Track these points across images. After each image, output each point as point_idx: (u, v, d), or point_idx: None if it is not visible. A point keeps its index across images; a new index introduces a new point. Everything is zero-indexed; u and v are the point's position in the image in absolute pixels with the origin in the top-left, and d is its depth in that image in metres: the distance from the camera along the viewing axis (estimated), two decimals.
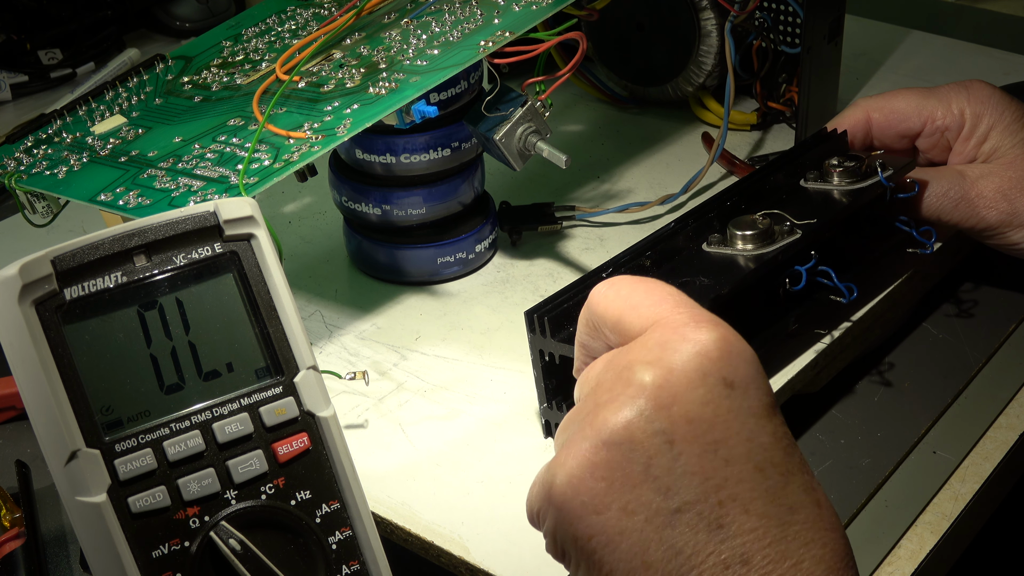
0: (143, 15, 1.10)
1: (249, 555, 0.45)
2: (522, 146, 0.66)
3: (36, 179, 0.69)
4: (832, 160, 0.69)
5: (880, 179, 0.67)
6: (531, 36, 0.66)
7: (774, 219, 0.64)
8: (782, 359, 0.64)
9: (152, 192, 0.64)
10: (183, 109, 0.72)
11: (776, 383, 0.63)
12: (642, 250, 0.63)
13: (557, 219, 0.78)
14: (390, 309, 0.73)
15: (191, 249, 0.47)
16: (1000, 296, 0.77)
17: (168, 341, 0.47)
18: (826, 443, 0.67)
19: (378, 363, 0.68)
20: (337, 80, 0.67)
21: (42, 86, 1.01)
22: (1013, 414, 0.69)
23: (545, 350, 0.59)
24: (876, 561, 0.61)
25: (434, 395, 0.66)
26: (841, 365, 0.69)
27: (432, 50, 0.67)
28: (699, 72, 0.86)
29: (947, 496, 0.65)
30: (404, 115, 0.63)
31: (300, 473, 0.47)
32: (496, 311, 0.72)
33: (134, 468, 0.45)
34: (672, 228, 0.65)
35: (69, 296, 0.45)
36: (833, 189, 0.68)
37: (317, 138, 0.63)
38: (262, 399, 0.47)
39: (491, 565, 0.56)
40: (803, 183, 0.69)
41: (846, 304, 0.64)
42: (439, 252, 0.73)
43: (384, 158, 0.70)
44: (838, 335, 0.66)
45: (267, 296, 0.48)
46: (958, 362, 0.72)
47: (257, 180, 0.61)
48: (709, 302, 0.58)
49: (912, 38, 1.02)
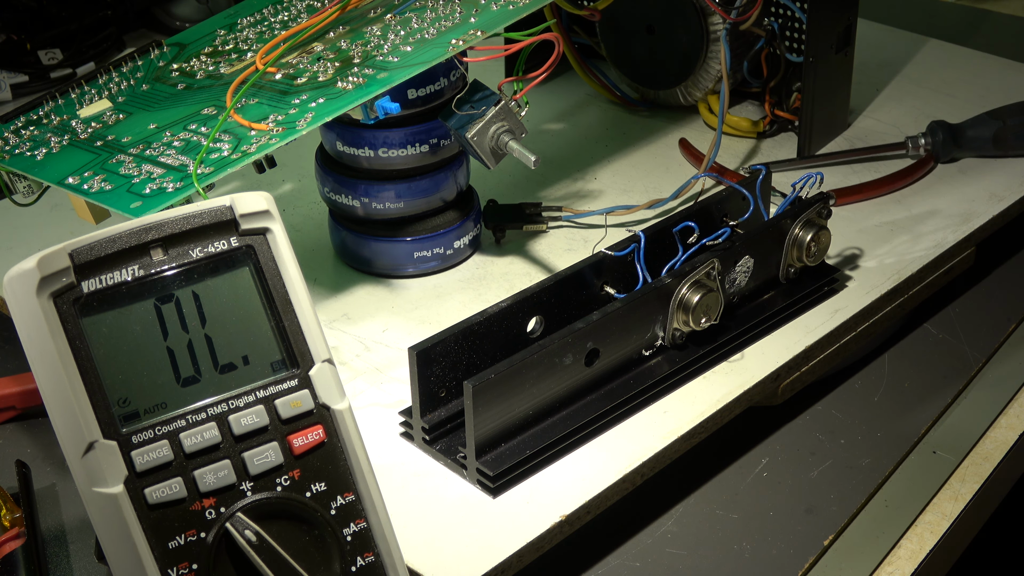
0: (143, 15, 1.10)
1: (265, 546, 0.46)
2: (495, 144, 0.67)
3: (16, 160, 0.70)
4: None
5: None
6: (506, 36, 0.67)
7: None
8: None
9: (116, 178, 0.64)
10: (165, 96, 0.72)
11: (730, 395, 0.65)
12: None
13: (543, 219, 0.78)
14: (364, 300, 0.73)
15: (207, 243, 0.48)
16: (1000, 296, 0.77)
17: (184, 334, 0.47)
18: (826, 443, 0.67)
19: (341, 353, 0.69)
20: (311, 73, 0.68)
21: (42, 86, 1.01)
22: (1013, 414, 0.70)
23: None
24: (876, 561, 0.61)
25: (388, 387, 0.66)
26: (809, 379, 0.69)
27: (406, 46, 0.67)
28: (707, 77, 0.87)
29: (947, 496, 0.65)
30: (368, 110, 0.64)
31: (315, 465, 0.47)
32: (468, 307, 0.72)
33: (151, 459, 0.45)
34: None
35: (87, 289, 0.46)
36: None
37: (278, 131, 0.63)
38: (278, 392, 0.48)
39: (416, 563, 0.56)
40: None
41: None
42: (416, 246, 0.74)
43: (363, 152, 0.71)
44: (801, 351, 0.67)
45: (283, 290, 0.48)
46: (958, 362, 0.72)
47: (213, 170, 0.62)
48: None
49: (940, 49, 1.00)
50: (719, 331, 0.67)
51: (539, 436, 0.61)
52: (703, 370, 0.66)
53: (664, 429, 0.62)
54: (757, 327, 0.68)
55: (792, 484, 0.65)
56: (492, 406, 0.59)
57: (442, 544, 0.57)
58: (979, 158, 0.84)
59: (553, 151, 0.87)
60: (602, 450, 0.61)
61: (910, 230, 0.77)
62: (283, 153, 0.64)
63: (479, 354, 0.62)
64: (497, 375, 0.58)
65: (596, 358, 0.63)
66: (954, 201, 0.79)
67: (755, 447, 0.67)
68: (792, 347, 0.68)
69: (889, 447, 0.67)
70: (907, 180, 0.81)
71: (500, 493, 0.59)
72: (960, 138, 0.83)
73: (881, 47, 0.99)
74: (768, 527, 0.62)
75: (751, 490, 0.65)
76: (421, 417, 0.61)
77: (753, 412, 0.67)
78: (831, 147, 0.86)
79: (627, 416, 0.63)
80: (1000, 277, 0.79)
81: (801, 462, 0.66)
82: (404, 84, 0.66)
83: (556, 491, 0.59)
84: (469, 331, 0.61)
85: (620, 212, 0.79)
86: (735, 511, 0.63)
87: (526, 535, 0.57)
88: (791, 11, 0.85)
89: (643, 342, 0.65)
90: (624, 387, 0.64)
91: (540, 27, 0.67)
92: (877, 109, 0.91)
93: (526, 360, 0.59)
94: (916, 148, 0.83)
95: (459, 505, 0.59)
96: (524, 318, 0.64)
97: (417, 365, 0.60)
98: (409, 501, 0.59)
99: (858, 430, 0.68)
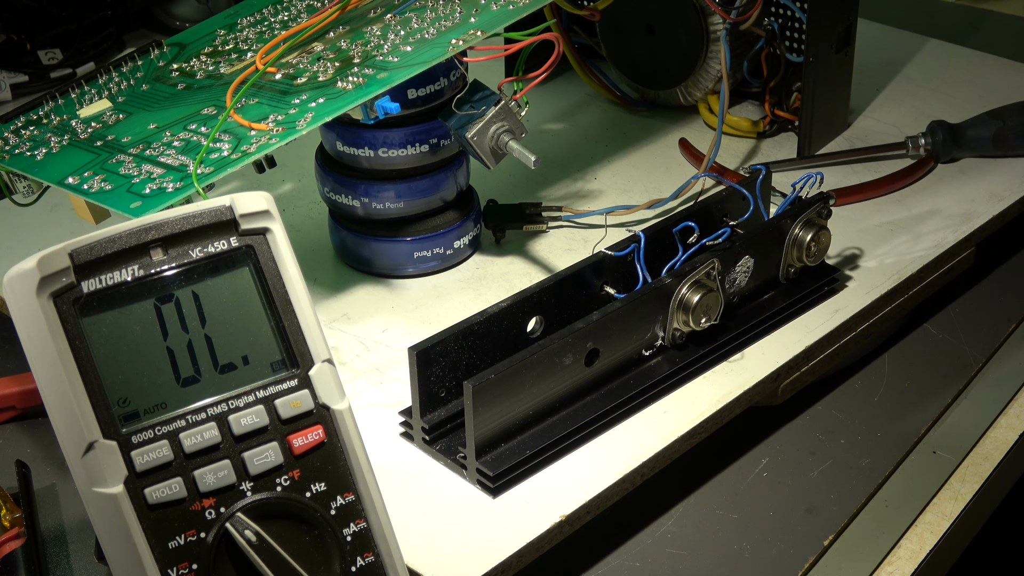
0: (143, 15, 1.10)
1: (264, 546, 0.46)
2: (495, 144, 0.67)
3: (16, 160, 0.70)
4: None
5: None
6: (506, 36, 0.67)
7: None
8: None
9: (116, 178, 0.64)
10: (165, 96, 0.72)
11: (730, 395, 0.65)
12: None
13: (543, 219, 0.78)
14: (364, 300, 0.73)
15: (207, 243, 0.48)
16: (1000, 296, 0.77)
17: (184, 334, 0.47)
18: (826, 443, 0.67)
19: (341, 353, 0.69)
20: (311, 73, 0.68)
21: (42, 86, 1.01)
22: (1013, 414, 0.70)
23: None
24: (876, 561, 0.61)
25: (388, 387, 0.66)
26: (809, 379, 0.69)
27: (406, 46, 0.67)
28: (707, 77, 0.87)
29: (947, 496, 0.65)
30: (368, 110, 0.64)
31: (315, 465, 0.47)
32: (468, 307, 0.72)
33: (151, 459, 0.45)
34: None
35: (87, 289, 0.46)
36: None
37: (277, 131, 0.63)
38: (278, 392, 0.47)
39: (416, 563, 0.56)
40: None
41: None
42: (416, 246, 0.74)
43: (363, 152, 0.71)
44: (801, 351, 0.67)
45: (282, 290, 0.48)
46: (958, 362, 0.72)
47: (212, 170, 0.62)
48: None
49: (940, 49, 1.00)
50: (719, 331, 0.67)
51: (539, 436, 0.61)
52: (703, 370, 0.66)
53: (664, 429, 0.62)
54: (757, 327, 0.68)
55: (792, 484, 0.65)
56: (492, 406, 0.59)
57: (442, 544, 0.57)
58: (979, 158, 0.84)
59: (553, 151, 0.87)
60: (602, 450, 0.61)
61: (910, 230, 0.77)
62: (283, 153, 0.64)
63: (479, 354, 0.62)
64: (497, 375, 0.58)
65: (596, 358, 0.63)
66: (954, 201, 0.79)
67: (755, 447, 0.67)
68: (792, 347, 0.68)
69: (889, 447, 0.67)
70: (907, 180, 0.81)
71: (500, 493, 0.59)
72: (960, 138, 0.83)
73: (881, 47, 0.99)
74: (768, 527, 0.62)
75: (751, 490, 0.65)
76: (421, 417, 0.61)
77: (753, 412, 0.67)
78: (831, 147, 0.86)
79: (627, 416, 0.63)
80: (1000, 277, 0.79)
81: (801, 462, 0.66)
82: (404, 84, 0.66)
83: (556, 491, 0.59)
84: (469, 331, 0.61)
85: (620, 212, 0.79)
86: (735, 511, 0.63)
87: (526, 535, 0.57)
88: (791, 11, 0.85)
89: (643, 342, 0.65)
90: (624, 387, 0.64)
91: (540, 27, 0.67)
92: (877, 109, 0.91)
93: (526, 360, 0.59)
94: (916, 148, 0.83)
95: (459, 505, 0.59)
96: (524, 318, 0.64)
97: (417, 365, 0.60)
98: (409, 501, 0.59)
99: (858, 430, 0.68)
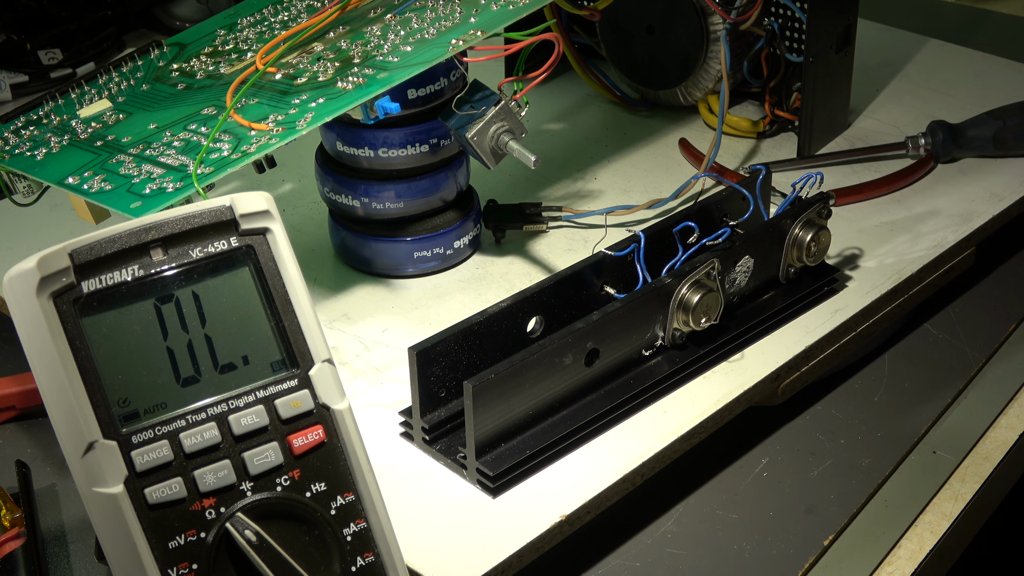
0: (143, 15, 1.10)
1: (264, 546, 0.46)
2: (495, 144, 0.67)
3: (16, 160, 0.70)
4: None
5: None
6: (506, 36, 0.67)
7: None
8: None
9: (116, 178, 0.65)
10: (165, 96, 0.72)
11: (730, 395, 0.65)
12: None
13: (543, 219, 0.78)
14: (364, 300, 0.73)
15: (207, 243, 0.48)
16: (1000, 296, 0.77)
17: (184, 334, 0.47)
18: (826, 443, 0.67)
19: (341, 353, 0.69)
20: (311, 73, 0.68)
21: (42, 86, 1.01)
22: (1013, 414, 0.70)
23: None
24: (876, 561, 0.62)
25: (388, 387, 0.66)
26: (809, 379, 0.69)
27: (406, 46, 0.67)
28: (707, 77, 0.87)
29: (947, 496, 0.65)
30: (368, 110, 0.64)
31: (315, 465, 0.47)
32: (468, 307, 0.72)
33: (151, 459, 0.45)
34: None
35: (87, 289, 0.46)
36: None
37: (278, 131, 0.63)
38: (278, 392, 0.47)
39: (416, 563, 0.56)
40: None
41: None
42: (416, 246, 0.74)
43: (363, 152, 0.71)
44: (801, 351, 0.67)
45: (282, 290, 0.48)
46: (958, 362, 0.72)
47: (212, 170, 0.62)
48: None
49: (940, 49, 1.00)
50: (719, 331, 0.67)
51: (539, 436, 0.61)
52: (703, 370, 0.66)
53: (664, 429, 0.62)
54: (757, 327, 0.68)
55: (792, 484, 0.65)
56: (492, 406, 0.59)
57: (442, 544, 0.57)
58: (979, 158, 0.84)
59: (553, 151, 0.87)
60: (602, 450, 0.61)
61: (910, 230, 0.77)
62: (283, 153, 0.64)
63: (479, 354, 0.62)
64: (497, 375, 0.58)
65: (596, 358, 0.63)
66: (954, 201, 0.79)
67: (755, 447, 0.67)
68: (792, 347, 0.68)
69: (889, 447, 0.67)
70: (907, 180, 0.81)
71: (500, 493, 0.59)
72: (960, 138, 0.83)
73: (881, 47, 0.99)
74: (768, 527, 0.62)
75: (751, 490, 0.65)
76: (421, 417, 0.61)
77: (753, 412, 0.67)
78: (831, 147, 0.86)
79: (627, 416, 0.63)
80: (1000, 277, 0.79)
81: (801, 462, 0.66)
82: (404, 84, 0.66)
83: (556, 491, 0.59)
84: (469, 331, 0.61)
85: (620, 212, 0.79)
86: (735, 511, 0.63)
87: (526, 535, 0.57)
88: (791, 11, 0.85)
89: (643, 342, 0.65)
90: (624, 387, 0.64)
91: (540, 27, 0.67)
92: (877, 109, 0.91)
93: (526, 360, 0.59)
94: (916, 148, 0.83)
95: (459, 505, 0.59)
96: (524, 318, 0.64)
97: (417, 365, 0.60)
98: (409, 501, 0.59)
99: (858, 430, 0.68)
